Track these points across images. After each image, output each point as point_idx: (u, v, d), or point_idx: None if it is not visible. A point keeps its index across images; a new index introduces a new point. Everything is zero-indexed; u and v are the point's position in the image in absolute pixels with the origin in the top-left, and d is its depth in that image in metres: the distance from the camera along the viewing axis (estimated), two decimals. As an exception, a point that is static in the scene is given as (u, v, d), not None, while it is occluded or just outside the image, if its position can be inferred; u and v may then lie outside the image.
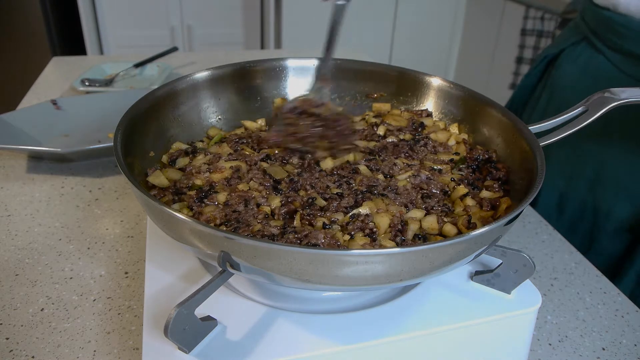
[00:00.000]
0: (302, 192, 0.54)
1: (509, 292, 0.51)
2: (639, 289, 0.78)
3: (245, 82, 0.71)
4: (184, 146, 0.63)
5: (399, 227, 0.50)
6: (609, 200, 0.82)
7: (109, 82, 1.23)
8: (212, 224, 0.49)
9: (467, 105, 0.67)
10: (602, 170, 0.83)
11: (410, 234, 0.50)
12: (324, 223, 0.49)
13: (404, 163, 0.60)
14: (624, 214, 0.81)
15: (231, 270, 0.43)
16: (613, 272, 0.79)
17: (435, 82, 0.70)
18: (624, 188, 0.80)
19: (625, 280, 0.78)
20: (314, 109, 0.61)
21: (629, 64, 0.79)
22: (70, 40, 2.57)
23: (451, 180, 0.57)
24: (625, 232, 0.81)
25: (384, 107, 0.72)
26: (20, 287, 0.63)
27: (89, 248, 0.70)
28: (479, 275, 0.53)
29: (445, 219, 0.52)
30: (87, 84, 1.19)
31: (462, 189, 0.55)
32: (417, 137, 0.65)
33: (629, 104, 0.56)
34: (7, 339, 0.56)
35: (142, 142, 0.58)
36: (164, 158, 0.60)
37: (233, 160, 0.59)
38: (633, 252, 0.79)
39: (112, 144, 0.50)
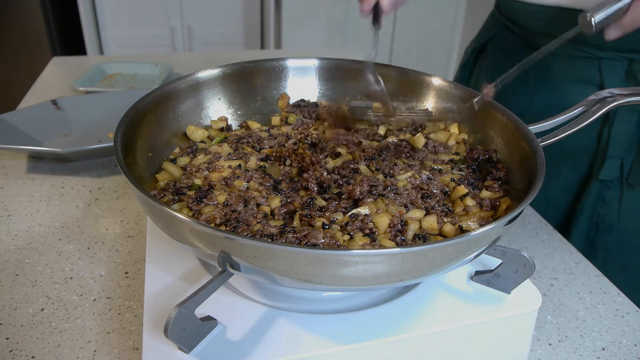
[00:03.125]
0: (302, 192, 0.54)
1: (509, 292, 0.51)
2: (592, 233, 0.86)
3: (245, 82, 0.71)
4: (199, 131, 0.65)
5: (399, 227, 0.50)
6: (556, 162, 0.90)
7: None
8: (212, 224, 0.49)
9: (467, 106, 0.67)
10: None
11: (410, 234, 0.50)
12: (323, 223, 0.49)
13: (404, 163, 0.60)
14: (570, 169, 0.89)
15: (231, 270, 0.43)
16: (567, 224, 0.90)
17: (435, 82, 0.70)
18: (567, 149, 0.88)
19: (578, 226, 0.87)
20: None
21: (548, 42, 0.86)
22: (70, 40, 2.57)
23: (451, 180, 0.57)
24: (571, 187, 0.90)
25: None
26: (20, 287, 0.63)
27: (89, 248, 0.70)
28: (479, 275, 0.53)
29: (445, 219, 0.52)
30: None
31: (462, 189, 0.55)
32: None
33: (629, 104, 0.56)
34: (7, 339, 0.56)
35: (142, 142, 0.58)
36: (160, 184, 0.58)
37: (233, 159, 0.59)
38: (580, 200, 0.87)
39: (112, 144, 0.50)
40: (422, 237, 0.50)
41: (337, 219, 0.50)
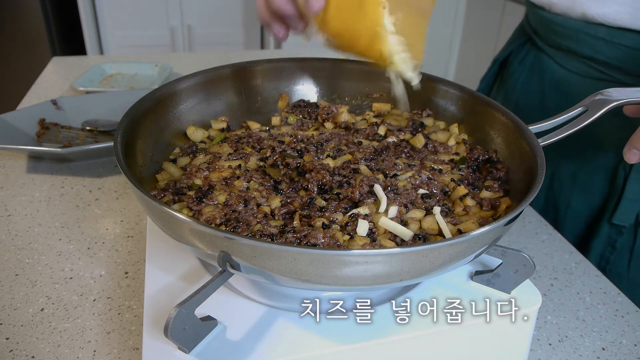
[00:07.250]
0: (302, 193, 0.54)
1: (509, 292, 0.51)
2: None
3: (245, 82, 0.71)
4: (199, 131, 0.64)
5: (399, 227, 0.50)
6: (566, 194, 0.86)
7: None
8: (212, 224, 0.49)
9: (467, 105, 0.67)
10: (557, 169, 0.87)
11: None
12: (323, 223, 0.49)
13: (404, 163, 0.60)
14: (580, 205, 0.85)
15: (231, 270, 0.43)
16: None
17: (436, 82, 0.70)
18: (579, 182, 0.84)
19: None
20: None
21: (570, 60, 0.81)
22: (70, 40, 2.57)
23: (451, 180, 0.57)
24: (582, 222, 0.85)
25: (384, 107, 0.72)
26: (20, 287, 0.63)
27: (89, 248, 0.70)
28: (479, 275, 0.53)
29: (445, 219, 0.52)
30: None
31: (462, 189, 0.55)
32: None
33: (628, 104, 0.56)
34: (7, 339, 0.56)
35: (142, 142, 0.58)
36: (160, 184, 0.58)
37: (233, 159, 0.59)
38: (588, 241, 0.83)
39: (112, 144, 0.50)
40: (422, 237, 0.50)
41: (337, 219, 0.50)
